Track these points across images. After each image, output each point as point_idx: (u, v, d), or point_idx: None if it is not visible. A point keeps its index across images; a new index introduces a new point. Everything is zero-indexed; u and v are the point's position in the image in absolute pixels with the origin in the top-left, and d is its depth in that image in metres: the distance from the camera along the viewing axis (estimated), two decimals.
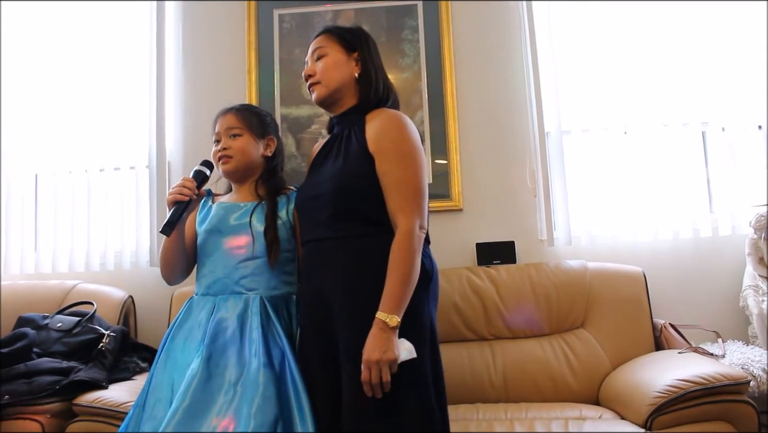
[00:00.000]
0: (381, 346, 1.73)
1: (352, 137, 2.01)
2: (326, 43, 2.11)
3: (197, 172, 2.17)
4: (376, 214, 1.91)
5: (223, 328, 2.02)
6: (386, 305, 1.77)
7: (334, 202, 1.94)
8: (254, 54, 3.37)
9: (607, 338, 2.82)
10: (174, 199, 2.07)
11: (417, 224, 1.86)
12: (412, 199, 1.89)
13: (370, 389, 1.75)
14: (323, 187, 1.99)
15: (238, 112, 2.26)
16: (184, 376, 1.94)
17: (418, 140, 1.97)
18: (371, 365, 1.73)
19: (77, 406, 2.44)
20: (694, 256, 3.14)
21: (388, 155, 1.92)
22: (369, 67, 2.09)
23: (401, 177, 1.90)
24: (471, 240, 3.16)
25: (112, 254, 3.30)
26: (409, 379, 1.78)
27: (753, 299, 2.91)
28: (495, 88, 3.29)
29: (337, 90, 2.07)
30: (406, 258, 1.82)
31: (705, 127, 3.24)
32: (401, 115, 2.00)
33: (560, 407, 2.56)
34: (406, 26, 3.34)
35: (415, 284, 1.82)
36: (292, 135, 3.30)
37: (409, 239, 1.84)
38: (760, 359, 2.57)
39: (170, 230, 2.05)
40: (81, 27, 3.46)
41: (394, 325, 1.75)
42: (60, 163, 3.39)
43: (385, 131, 1.95)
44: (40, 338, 2.74)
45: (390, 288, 1.79)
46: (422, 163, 1.95)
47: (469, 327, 2.89)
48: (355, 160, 1.96)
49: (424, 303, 1.89)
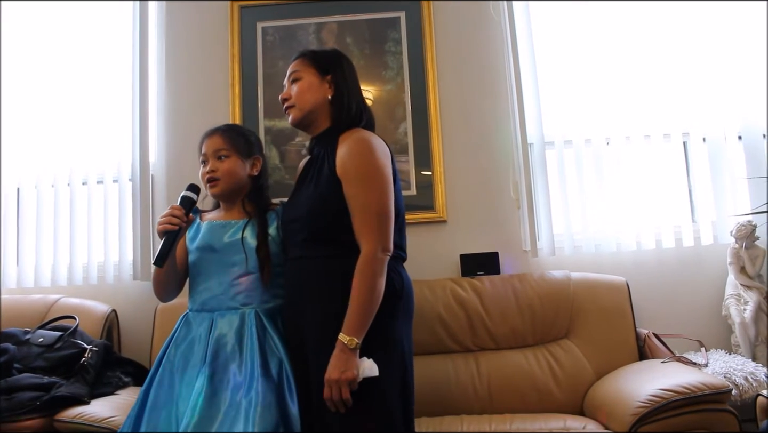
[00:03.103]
0: (340, 366, 1.84)
1: (324, 161, 2.07)
2: (301, 67, 2.17)
3: (185, 199, 2.16)
4: (346, 237, 1.97)
5: (223, 344, 2.09)
6: (347, 328, 1.87)
7: (307, 226, 2.04)
8: (238, 67, 3.37)
9: (591, 348, 2.83)
10: (164, 230, 2.08)
11: (378, 248, 1.92)
12: (373, 223, 1.94)
13: (333, 405, 1.86)
14: (299, 211, 2.09)
15: (224, 134, 2.29)
16: (189, 391, 2.02)
17: (383, 162, 2.00)
18: (332, 383, 1.84)
19: (59, 422, 2.41)
20: (676, 265, 3.16)
21: (352, 180, 1.98)
22: (342, 90, 2.14)
23: (363, 201, 1.96)
24: (455, 251, 3.16)
25: (95, 267, 3.27)
26: (372, 394, 1.87)
27: (735, 308, 2.93)
28: (478, 100, 3.31)
29: (310, 112, 2.13)
30: (366, 282, 1.89)
31: (686, 138, 3.28)
32: (368, 137, 2.04)
33: (545, 417, 2.56)
34: (389, 38, 3.35)
35: (376, 306, 1.90)
36: (275, 147, 3.30)
37: (370, 264, 1.91)
38: (742, 367, 2.59)
39: (163, 261, 2.08)
40: (63, 41, 3.45)
41: (353, 347, 1.85)
42: (42, 176, 3.36)
43: (350, 156, 1.99)
44: (20, 353, 2.70)
45: (350, 311, 1.88)
46: (385, 185, 1.99)
47: (454, 339, 2.89)
48: (325, 185, 2.02)
49: (393, 320, 1.97)
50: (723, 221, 3.13)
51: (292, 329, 2.09)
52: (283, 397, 2.01)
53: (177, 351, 2.14)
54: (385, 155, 2.03)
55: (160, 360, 2.15)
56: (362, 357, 1.87)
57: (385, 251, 1.94)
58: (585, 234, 3.18)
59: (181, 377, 2.08)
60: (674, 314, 3.07)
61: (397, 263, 2.03)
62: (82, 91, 3.42)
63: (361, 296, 1.88)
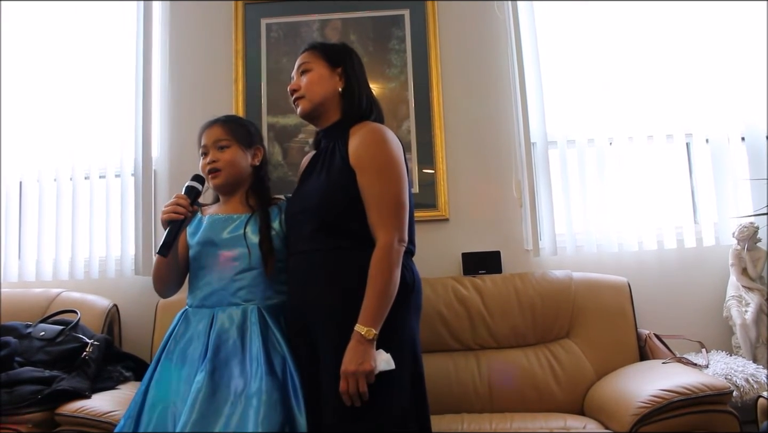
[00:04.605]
0: (358, 358, 1.80)
1: (336, 152, 2.04)
2: (311, 58, 2.15)
3: (189, 189, 2.14)
4: (359, 228, 1.95)
5: (224, 340, 2.06)
6: (364, 319, 1.83)
7: (318, 216, 2.00)
8: (241, 63, 3.37)
9: (592, 348, 2.83)
10: (169, 219, 2.07)
11: (395, 238, 1.91)
12: (390, 213, 1.93)
13: (349, 399, 1.81)
14: (309, 202, 2.05)
15: (224, 124, 2.28)
16: (188, 388, 1.98)
17: (398, 154, 2.00)
18: (348, 376, 1.80)
19: (60, 416, 2.41)
20: (678, 266, 3.16)
21: (367, 170, 1.96)
22: (352, 82, 2.13)
23: (380, 192, 1.94)
24: (457, 250, 3.16)
25: (97, 262, 3.27)
26: (388, 388, 1.83)
27: (736, 309, 2.93)
28: (481, 99, 3.31)
29: (320, 104, 2.12)
30: (384, 273, 1.87)
31: (689, 139, 3.28)
32: (382, 128, 2.03)
33: (545, 417, 2.55)
34: (393, 36, 3.35)
35: (393, 297, 1.87)
36: (278, 144, 3.30)
37: (387, 254, 1.89)
38: (742, 369, 2.59)
39: (167, 250, 2.05)
40: (67, 36, 3.45)
41: (370, 338, 1.81)
42: (45, 171, 3.36)
43: (365, 146, 1.98)
44: (22, 347, 2.70)
45: (368, 302, 1.85)
46: (402, 176, 1.98)
47: (455, 337, 2.89)
48: (338, 174, 2.00)
49: (405, 314, 1.95)
50: (725, 223, 3.13)
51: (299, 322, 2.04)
52: (288, 396, 1.99)
53: (176, 347, 2.11)
54: (399, 147, 2.03)
55: (159, 356, 2.13)
56: (379, 349, 1.84)
57: (402, 241, 1.93)
58: (587, 234, 3.18)
59: (180, 373, 2.05)
60: (675, 314, 3.07)
61: (407, 257, 2.01)
62: (85, 85, 3.42)
63: (378, 286, 1.86)
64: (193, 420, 1.89)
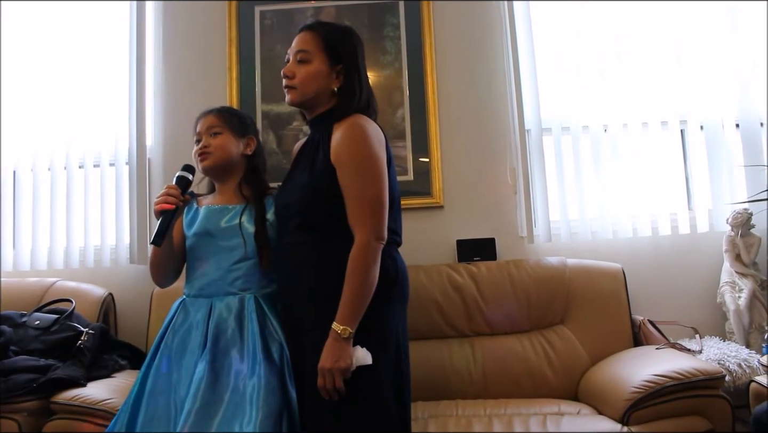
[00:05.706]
0: (334, 355, 1.83)
1: (319, 147, 2.04)
2: (312, 47, 2.07)
3: (180, 178, 2.16)
4: (339, 224, 1.96)
5: (223, 329, 2.09)
6: (340, 317, 1.86)
7: (300, 214, 2.02)
8: (235, 51, 3.36)
9: (586, 335, 2.84)
10: (161, 209, 2.07)
11: (372, 236, 1.91)
12: (367, 212, 1.93)
13: (327, 394, 1.85)
14: (292, 197, 2.07)
15: (218, 113, 2.31)
16: (189, 378, 2.02)
17: (377, 150, 1.97)
18: (325, 372, 1.84)
19: (55, 404, 2.42)
20: (672, 253, 3.17)
21: (346, 168, 1.96)
22: (352, 80, 2.08)
23: (357, 190, 1.94)
24: (452, 237, 3.17)
25: (92, 251, 3.27)
26: (369, 382, 1.87)
27: (730, 295, 2.94)
28: (476, 86, 3.30)
29: (312, 99, 2.09)
30: (360, 271, 1.89)
31: (684, 126, 3.27)
32: (362, 124, 1.99)
33: (539, 403, 2.57)
34: (388, 23, 3.34)
35: (370, 296, 1.89)
36: (273, 132, 3.30)
37: (364, 253, 1.90)
38: (735, 354, 2.60)
39: (161, 240, 2.06)
40: (61, 24, 3.42)
41: (346, 336, 1.85)
42: (39, 160, 3.35)
43: (344, 143, 1.96)
44: (17, 335, 2.71)
45: (344, 301, 1.87)
46: (380, 173, 1.96)
47: (450, 324, 2.90)
48: (319, 172, 2.00)
49: (388, 307, 1.97)
50: (719, 209, 3.13)
51: (286, 312, 2.10)
52: (285, 381, 2.02)
53: (175, 337, 2.13)
54: (380, 142, 2.00)
55: (157, 346, 2.14)
56: (356, 345, 1.87)
57: (379, 239, 1.93)
58: (581, 221, 3.18)
59: (180, 363, 2.08)
60: (669, 301, 3.08)
61: (391, 247, 2.02)
62: (79, 74, 3.40)
63: (354, 285, 1.87)
64: (197, 408, 1.92)
